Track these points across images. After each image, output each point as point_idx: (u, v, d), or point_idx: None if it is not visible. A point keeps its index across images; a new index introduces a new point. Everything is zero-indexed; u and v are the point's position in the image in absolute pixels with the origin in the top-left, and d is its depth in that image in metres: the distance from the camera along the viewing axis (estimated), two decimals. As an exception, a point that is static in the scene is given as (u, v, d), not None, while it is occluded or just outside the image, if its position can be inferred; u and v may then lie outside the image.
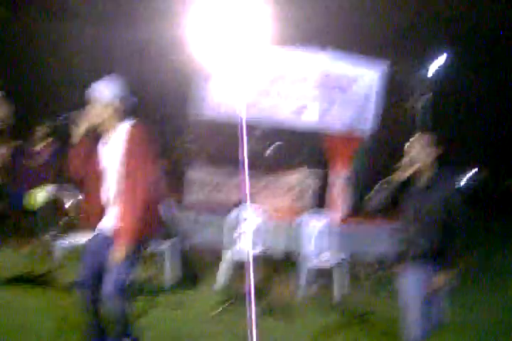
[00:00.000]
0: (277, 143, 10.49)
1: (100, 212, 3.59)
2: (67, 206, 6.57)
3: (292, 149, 10.19)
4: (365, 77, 8.76)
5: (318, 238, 6.74)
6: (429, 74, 8.79)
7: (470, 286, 6.92)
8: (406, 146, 3.59)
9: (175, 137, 9.99)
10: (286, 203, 8.74)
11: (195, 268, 6.45)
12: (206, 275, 6.45)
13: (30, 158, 7.09)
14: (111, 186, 3.54)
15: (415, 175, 3.57)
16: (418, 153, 3.51)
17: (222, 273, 6.24)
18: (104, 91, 3.45)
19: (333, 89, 8.57)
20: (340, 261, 6.35)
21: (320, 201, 8.72)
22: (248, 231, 6.62)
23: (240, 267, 6.64)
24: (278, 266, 6.09)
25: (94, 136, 3.57)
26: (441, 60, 8.83)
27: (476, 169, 28.23)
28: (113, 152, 3.49)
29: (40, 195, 6.06)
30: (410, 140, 3.59)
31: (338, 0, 12.14)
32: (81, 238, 5.29)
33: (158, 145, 3.56)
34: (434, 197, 3.47)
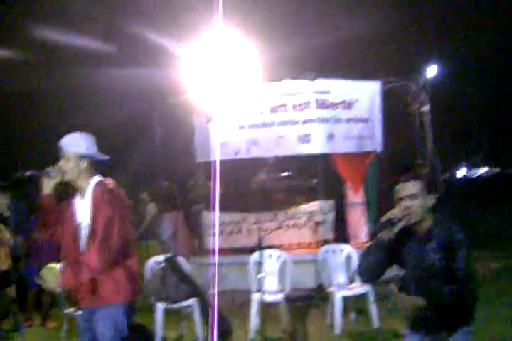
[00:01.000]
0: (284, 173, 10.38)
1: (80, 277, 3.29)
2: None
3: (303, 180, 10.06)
4: (365, 95, 8.68)
5: (345, 266, 6.58)
6: (424, 86, 8.69)
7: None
8: (396, 193, 3.02)
9: (185, 182, 9.92)
10: (306, 237, 8.59)
11: (226, 316, 6.28)
12: (239, 320, 6.29)
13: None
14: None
15: (411, 227, 3.00)
16: (411, 202, 2.95)
17: (254, 318, 6.09)
18: (76, 146, 3.32)
19: (336, 108, 8.49)
20: (371, 288, 6.16)
21: (339, 229, 8.55)
22: (273, 271, 6.49)
23: (270, 308, 6.50)
24: (309, 301, 5.90)
25: (67, 190, 3.48)
26: (432, 71, 8.73)
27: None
28: (85, 209, 3.32)
29: (57, 268, 5.97)
30: (399, 186, 3.01)
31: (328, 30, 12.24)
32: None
33: (125, 203, 3.39)
34: (435, 246, 2.94)
